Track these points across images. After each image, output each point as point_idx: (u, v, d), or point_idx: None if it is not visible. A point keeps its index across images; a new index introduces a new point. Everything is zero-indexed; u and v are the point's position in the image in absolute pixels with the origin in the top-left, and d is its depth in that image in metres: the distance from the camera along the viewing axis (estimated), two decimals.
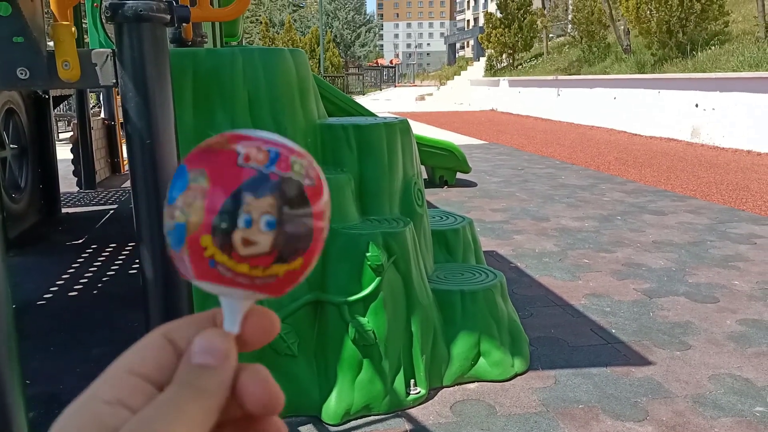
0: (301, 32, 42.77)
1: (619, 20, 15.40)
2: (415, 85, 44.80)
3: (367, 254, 2.09)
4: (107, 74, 1.82)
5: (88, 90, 5.88)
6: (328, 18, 49.28)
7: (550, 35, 22.46)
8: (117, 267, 3.77)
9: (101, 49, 1.86)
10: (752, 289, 3.35)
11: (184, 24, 2.37)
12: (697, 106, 10.42)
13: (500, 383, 2.36)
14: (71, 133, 5.90)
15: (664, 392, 2.29)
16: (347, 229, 2.14)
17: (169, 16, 1.73)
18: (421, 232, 2.47)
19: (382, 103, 24.78)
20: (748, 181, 6.60)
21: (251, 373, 0.30)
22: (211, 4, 1.95)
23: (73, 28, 1.90)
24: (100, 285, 3.46)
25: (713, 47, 11.88)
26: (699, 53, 11.90)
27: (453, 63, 44.20)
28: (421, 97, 27.71)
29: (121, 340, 2.72)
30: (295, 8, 51.01)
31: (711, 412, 2.16)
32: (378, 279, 2.11)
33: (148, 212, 1.78)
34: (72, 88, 4.49)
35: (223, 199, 0.29)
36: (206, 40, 2.52)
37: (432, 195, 6.04)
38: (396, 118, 2.52)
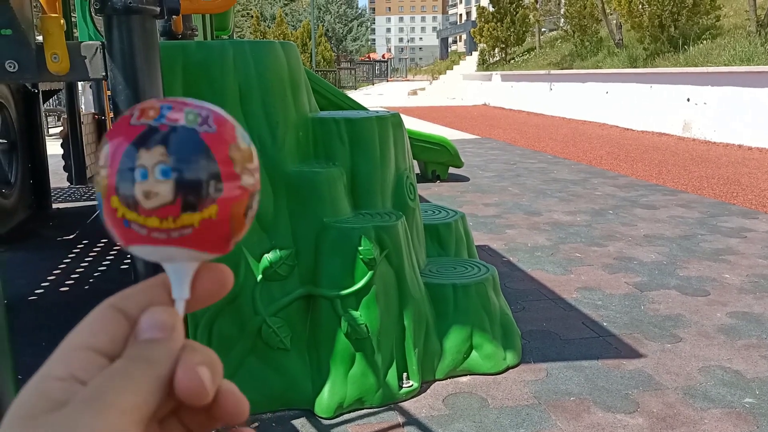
0: (293, 26, 42.60)
1: (611, 14, 15.42)
2: (408, 80, 44.76)
3: (360, 248, 2.09)
4: (97, 67, 1.81)
5: (78, 84, 5.84)
6: (319, 12, 49.09)
7: (543, 29, 22.48)
8: (108, 263, 3.75)
9: (91, 42, 1.84)
10: (742, 282, 3.37)
11: (174, 17, 2.35)
12: (688, 100, 10.46)
13: (492, 376, 2.37)
14: (61, 128, 5.86)
15: (655, 384, 2.30)
16: (339, 223, 2.13)
17: (158, 8, 1.71)
18: (413, 226, 2.47)
19: (375, 97, 24.74)
20: (738, 175, 6.64)
21: (183, 357, 0.29)
22: None
23: (62, 21, 1.88)
24: (91, 280, 3.44)
25: (705, 41, 11.92)
26: (691, 47, 11.94)
27: (445, 57, 44.16)
28: (414, 92, 27.68)
29: None
30: (286, 2, 50.76)
31: (701, 403, 2.17)
32: (370, 273, 2.11)
33: None
34: (61, 81, 4.45)
35: (118, 157, 0.29)
36: (197, 33, 2.51)
37: (424, 189, 6.04)
38: (388, 111, 2.52)
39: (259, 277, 2.03)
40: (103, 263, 3.74)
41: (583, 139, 10.11)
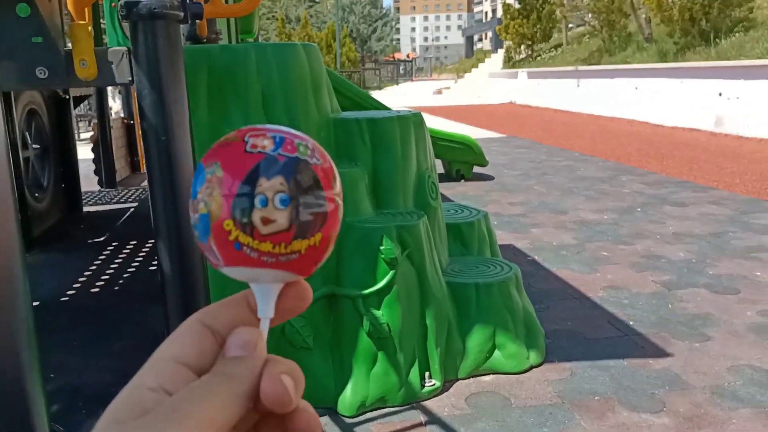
0: (317, 27, 42.82)
1: (639, 8, 15.19)
2: (432, 79, 44.65)
3: (381, 247, 2.10)
4: (123, 72, 1.85)
5: (107, 89, 5.96)
6: (344, 13, 49.19)
7: (570, 25, 22.22)
8: (137, 264, 3.83)
9: (117, 48, 1.89)
10: None
11: (198, 21, 2.40)
12: (720, 95, 10.25)
13: (516, 375, 2.36)
14: (91, 132, 5.99)
15: (682, 384, 2.27)
16: (361, 223, 2.15)
17: (182, 13, 1.75)
18: (435, 225, 2.48)
19: (400, 97, 24.74)
20: None
21: (267, 367, 0.31)
22: (225, 0, 1.97)
23: (90, 28, 1.93)
24: (121, 281, 3.52)
25: (737, 34, 11.66)
26: (723, 41, 11.69)
27: (471, 56, 43.93)
28: (439, 91, 27.62)
29: (142, 334, 2.77)
30: (311, 4, 51.01)
31: (729, 403, 2.13)
32: (392, 272, 2.12)
33: (164, 207, 1.81)
34: (89, 86, 4.55)
35: (237, 183, 0.31)
36: (221, 37, 2.55)
37: (449, 189, 6.03)
38: (410, 111, 2.52)
39: None
40: (132, 265, 3.82)
41: (612, 136, 9.98)
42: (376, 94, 26.25)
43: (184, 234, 1.84)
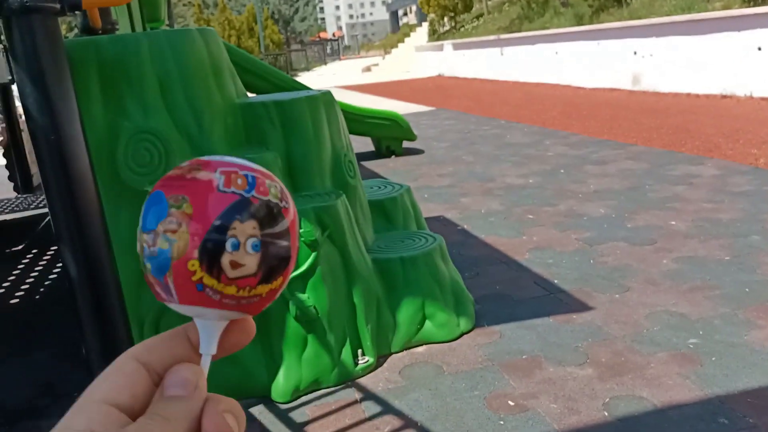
0: (237, 11, 41.69)
1: None
2: (361, 57, 44.39)
3: (300, 230, 2.07)
4: (1, 71, 1.74)
5: (12, 89, 5.64)
6: None
7: None
8: (59, 270, 3.67)
9: None
10: (688, 228, 3.46)
11: (88, 12, 2.27)
12: (635, 53, 10.59)
13: (448, 344, 2.40)
14: (0, 137, 5.67)
15: (604, 335, 2.36)
16: None
17: (58, 5, 1.65)
18: (356, 203, 2.47)
19: (329, 77, 24.49)
20: (687, 123, 6.77)
21: (208, 407, 0.30)
22: None
23: None
24: (41, 289, 3.37)
25: None
26: (633, 0, 12.06)
27: (397, 31, 43.85)
28: (367, 68, 27.46)
29: (65, 343, 2.67)
30: None
31: (648, 348, 2.23)
32: (314, 254, 2.10)
33: (63, 208, 1.73)
34: None
35: (209, 224, 0.30)
36: (117, 27, 2.44)
37: (380, 166, 6.03)
38: (319, 90, 2.49)
39: None
40: (54, 271, 3.66)
41: (536, 102, 10.19)
42: (305, 76, 25.87)
43: (88, 235, 1.76)
